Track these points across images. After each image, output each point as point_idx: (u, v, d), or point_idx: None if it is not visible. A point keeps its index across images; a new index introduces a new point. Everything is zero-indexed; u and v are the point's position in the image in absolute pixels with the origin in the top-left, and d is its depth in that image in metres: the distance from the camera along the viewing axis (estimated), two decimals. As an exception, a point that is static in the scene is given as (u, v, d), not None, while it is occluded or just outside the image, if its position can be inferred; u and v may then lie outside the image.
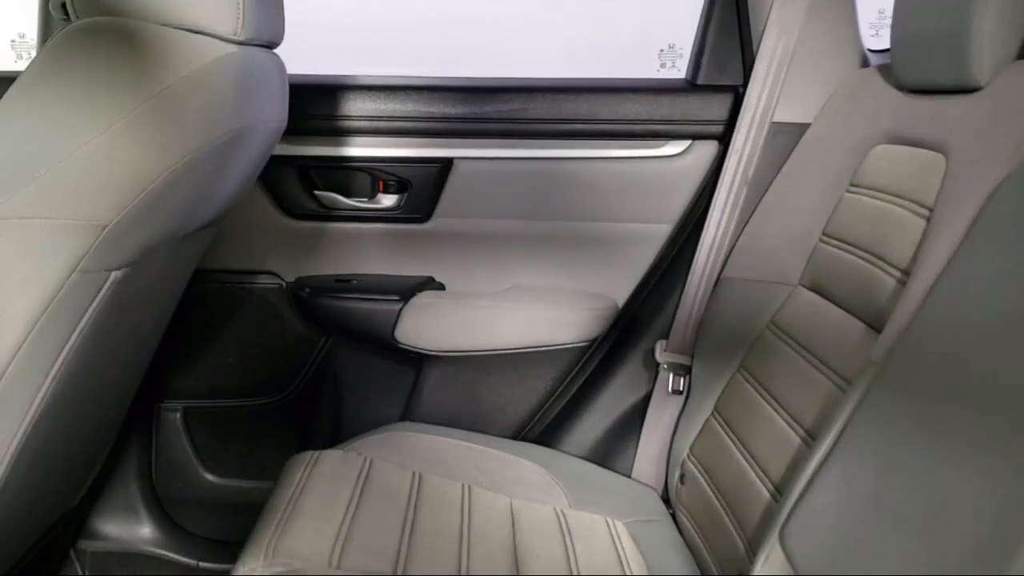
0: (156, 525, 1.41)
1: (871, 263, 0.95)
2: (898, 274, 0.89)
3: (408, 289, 1.39)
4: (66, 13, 0.89)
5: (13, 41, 1.54)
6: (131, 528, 1.40)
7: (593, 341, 1.40)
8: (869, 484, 0.71)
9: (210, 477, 1.45)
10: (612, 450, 1.37)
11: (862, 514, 0.70)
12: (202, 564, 1.40)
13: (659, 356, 1.33)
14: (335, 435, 1.44)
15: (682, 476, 1.21)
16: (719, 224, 1.28)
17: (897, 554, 0.64)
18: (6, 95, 0.79)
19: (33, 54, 1.32)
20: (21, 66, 0.87)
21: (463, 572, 0.95)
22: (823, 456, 0.80)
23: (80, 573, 1.38)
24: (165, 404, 1.43)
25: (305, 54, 1.33)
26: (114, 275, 0.82)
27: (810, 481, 0.80)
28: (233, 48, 0.88)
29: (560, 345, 1.39)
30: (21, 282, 0.76)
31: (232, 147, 0.90)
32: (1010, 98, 0.84)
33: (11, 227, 0.75)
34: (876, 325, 0.91)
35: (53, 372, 0.83)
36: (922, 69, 0.96)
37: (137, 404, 1.33)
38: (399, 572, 0.92)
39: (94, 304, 0.83)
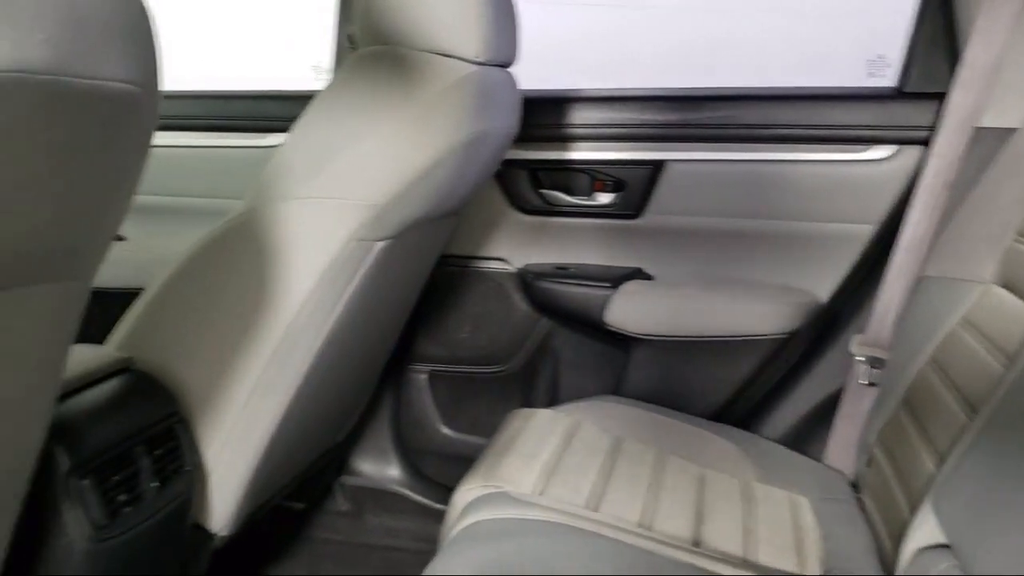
0: (403, 468, 1.68)
1: None
2: None
3: (619, 278, 1.55)
4: (353, 44, 1.16)
5: (315, 67, 1.92)
6: (382, 469, 1.67)
7: (793, 333, 1.48)
8: (1015, 457, 0.77)
9: (447, 431, 1.70)
10: (805, 437, 1.46)
11: (1007, 484, 0.76)
12: (437, 505, 1.64)
13: (854, 349, 1.39)
14: (551, 403, 1.63)
15: (869, 460, 1.27)
16: (919, 225, 1.33)
17: None
18: (309, 107, 1.06)
19: (328, 76, 1.64)
20: (319, 85, 1.16)
21: (648, 518, 1.09)
22: (979, 430, 0.87)
23: (340, 504, 1.67)
24: (413, 367, 1.70)
25: (544, 70, 1.54)
26: (379, 245, 1.06)
27: (964, 453, 0.87)
28: (474, 68, 1.10)
29: (761, 335, 1.49)
30: (313, 246, 1.02)
31: (470, 149, 1.12)
32: None
33: (309, 204, 1.02)
34: None
35: (329, 323, 1.08)
36: None
37: (391, 364, 1.60)
38: (591, 507, 1.08)
39: (363, 268, 1.07)
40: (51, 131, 0.54)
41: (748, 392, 1.52)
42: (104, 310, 1.29)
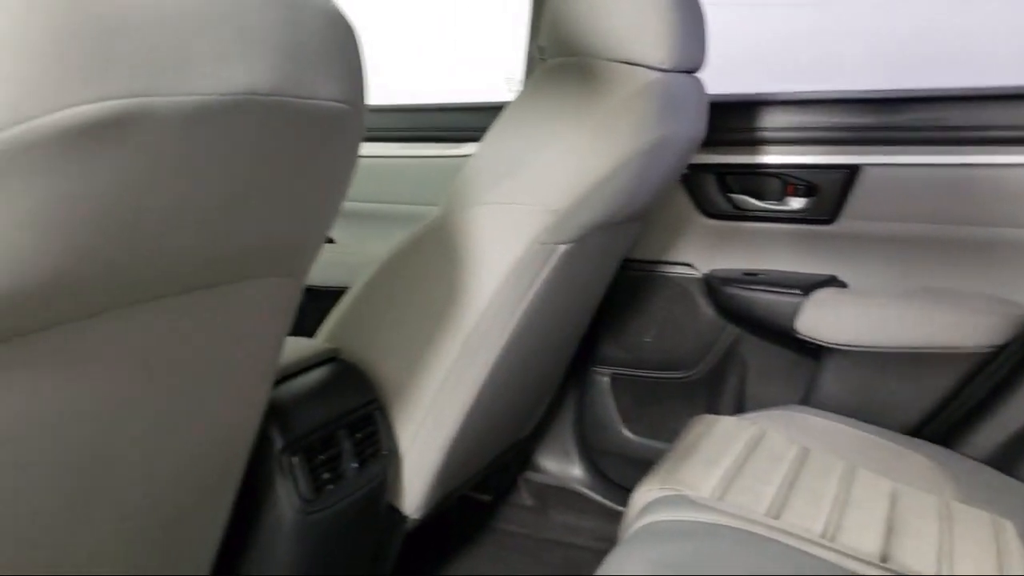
0: (584, 468, 1.71)
1: None
2: None
3: (811, 285, 1.51)
4: (542, 55, 1.21)
5: (507, 79, 2.01)
6: (565, 467, 1.72)
7: (1001, 347, 1.39)
8: None
9: (628, 434, 1.72)
10: (1013, 457, 1.35)
11: None
12: (617, 507, 1.66)
13: None
14: (736, 411, 1.61)
15: (1087, 486, 1.17)
16: None
17: None
18: (498, 118, 1.12)
19: (519, 88, 1.71)
20: (510, 96, 1.23)
21: (832, 530, 1.06)
22: None
23: (525, 498, 1.73)
24: (596, 369, 1.73)
25: (743, 75, 1.53)
26: (561, 248, 1.10)
27: None
28: (659, 75, 1.11)
29: (964, 348, 1.40)
30: (499, 249, 1.08)
31: (652, 155, 1.14)
32: None
33: (495, 209, 1.08)
34: None
35: (514, 321, 1.13)
36: None
37: (574, 366, 1.64)
38: (773, 516, 1.07)
39: (545, 270, 1.12)
40: (273, 145, 0.62)
41: (949, 408, 1.43)
42: (315, 306, 1.42)
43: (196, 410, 0.77)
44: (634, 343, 1.69)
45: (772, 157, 1.52)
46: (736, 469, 1.16)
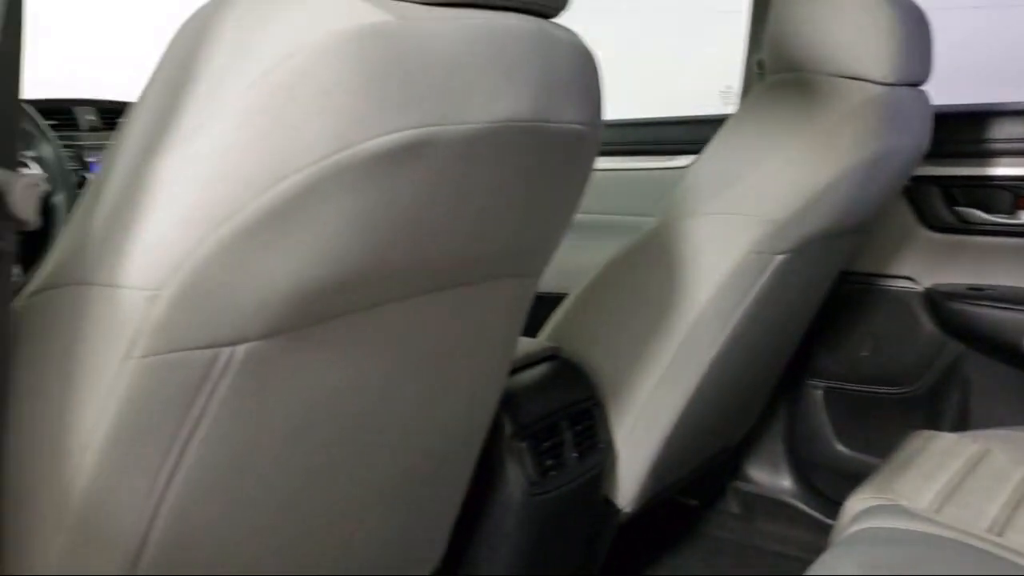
0: (794, 479, 1.71)
1: None
2: None
3: None
4: (761, 70, 1.25)
5: (722, 92, 2.04)
6: (773, 477, 1.73)
7: None
8: None
9: (841, 448, 1.70)
10: None
11: None
12: (828, 520, 1.65)
13: None
14: (957, 429, 1.56)
15: None
16: None
17: None
18: (719, 131, 1.18)
19: (735, 102, 1.74)
20: (727, 110, 1.28)
21: (1063, 553, 1.02)
22: None
23: (732, 506, 1.75)
24: (810, 381, 1.72)
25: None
26: (778, 258, 1.14)
27: None
28: (882, 89, 1.13)
29: None
30: (716, 257, 1.14)
31: (873, 168, 1.15)
32: None
33: (713, 219, 1.13)
34: None
35: (729, 327, 1.18)
36: None
37: (786, 376, 1.65)
38: (995, 533, 1.04)
39: (761, 280, 1.16)
40: (527, 163, 0.72)
41: None
42: (534, 310, 1.52)
43: (446, 391, 0.88)
44: (850, 356, 1.67)
45: (1002, 169, 1.46)
46: (956, 485, 1.14)
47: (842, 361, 1.68)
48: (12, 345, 0.60)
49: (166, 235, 0.56)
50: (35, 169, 1.30)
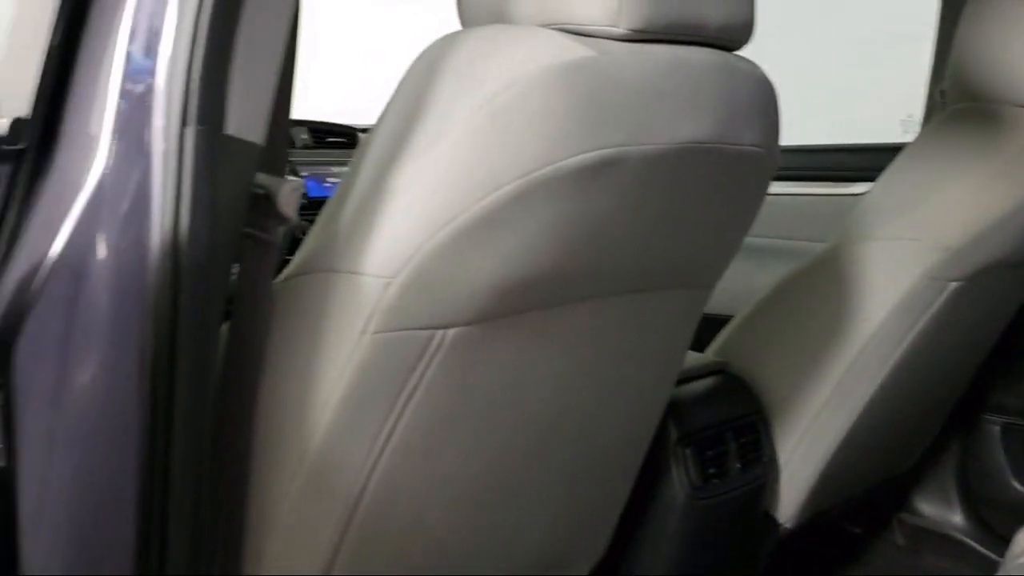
0: (966, 516, 1.66)
1: None
2: None
3: None
4: (943, 99, 1.26)
5: (903, 120, 2.02)
6: (944, 512, 1.68)
7: None
8: None
9: (1019, 486, 1.63)
10: None
11: None
12: (1000, 559, 1.59)
13: None
14: None
15: None
16: None
17: None
18: (898, 157, 1.20)
19: (916, 130, 1.73)
20: (906, 138, 1.29)
21: None
22: None
23: (898, 538, 1.72)
24: (986, 416, 1.67)
25: None
26: (952, 286, 1.15)
27: None
28: None
29: None
30: (887, 282, 1.15)
31: None
32: None
33: (886, 244, 1.16)
34: None
35: (899, 352, 1.19)
36: None
37: (960, 409, 1.61)
38: None
39: (934, 307, 1.16)
40: (707, 181, 0.79)
41: None
42: (703, 330, 1.57)
43: (617, 392, 0.96)
44: (1031, 392, 1.61)
45: None
46: None
47: (1023, 397, 1.62)
48: (270, 320, 0.73)
49: (402, 233, 0.67)
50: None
